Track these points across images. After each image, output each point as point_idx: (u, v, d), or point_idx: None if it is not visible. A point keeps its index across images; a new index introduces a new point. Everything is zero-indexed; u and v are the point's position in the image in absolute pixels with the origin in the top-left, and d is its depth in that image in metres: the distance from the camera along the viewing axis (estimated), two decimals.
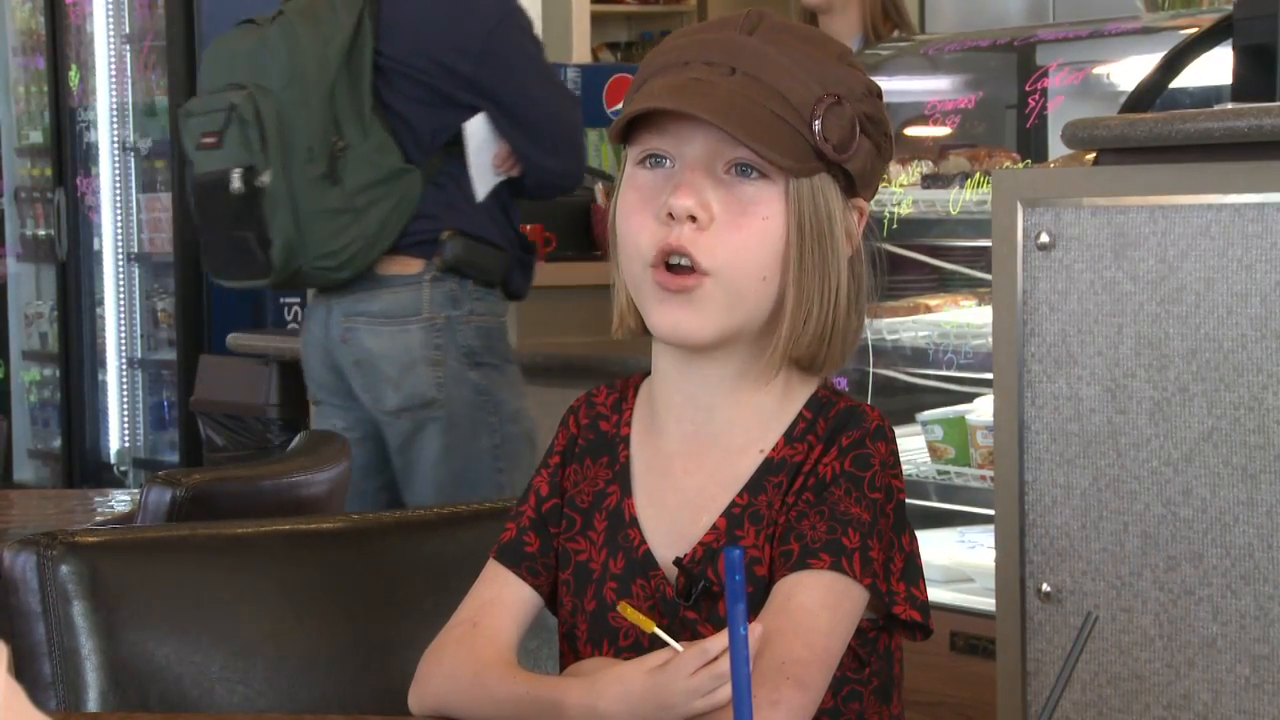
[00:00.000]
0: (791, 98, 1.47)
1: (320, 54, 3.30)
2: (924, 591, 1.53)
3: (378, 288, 3.37)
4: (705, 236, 1.47)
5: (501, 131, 3.37)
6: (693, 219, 1.46)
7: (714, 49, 1.49)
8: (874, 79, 1.56)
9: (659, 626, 1.44)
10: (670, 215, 1.47)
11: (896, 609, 1.50)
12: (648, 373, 1.61)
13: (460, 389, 3.34)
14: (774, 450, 1.53)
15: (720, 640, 1.38)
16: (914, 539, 1.54)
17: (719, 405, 1.54)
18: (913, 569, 1.53)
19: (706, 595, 1.51)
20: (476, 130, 3.37)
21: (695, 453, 1.55)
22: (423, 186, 3.36)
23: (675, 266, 1.48)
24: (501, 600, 1.57)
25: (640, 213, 1.50)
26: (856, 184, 1.53)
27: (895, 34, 4.25)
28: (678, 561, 1.52)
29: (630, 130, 1.51)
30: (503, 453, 3.34)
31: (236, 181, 3.31)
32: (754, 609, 1.46)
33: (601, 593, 1.55)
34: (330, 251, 3.31)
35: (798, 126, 1.47)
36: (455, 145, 3.41)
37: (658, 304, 1.49)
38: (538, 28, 3.61)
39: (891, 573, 1.50)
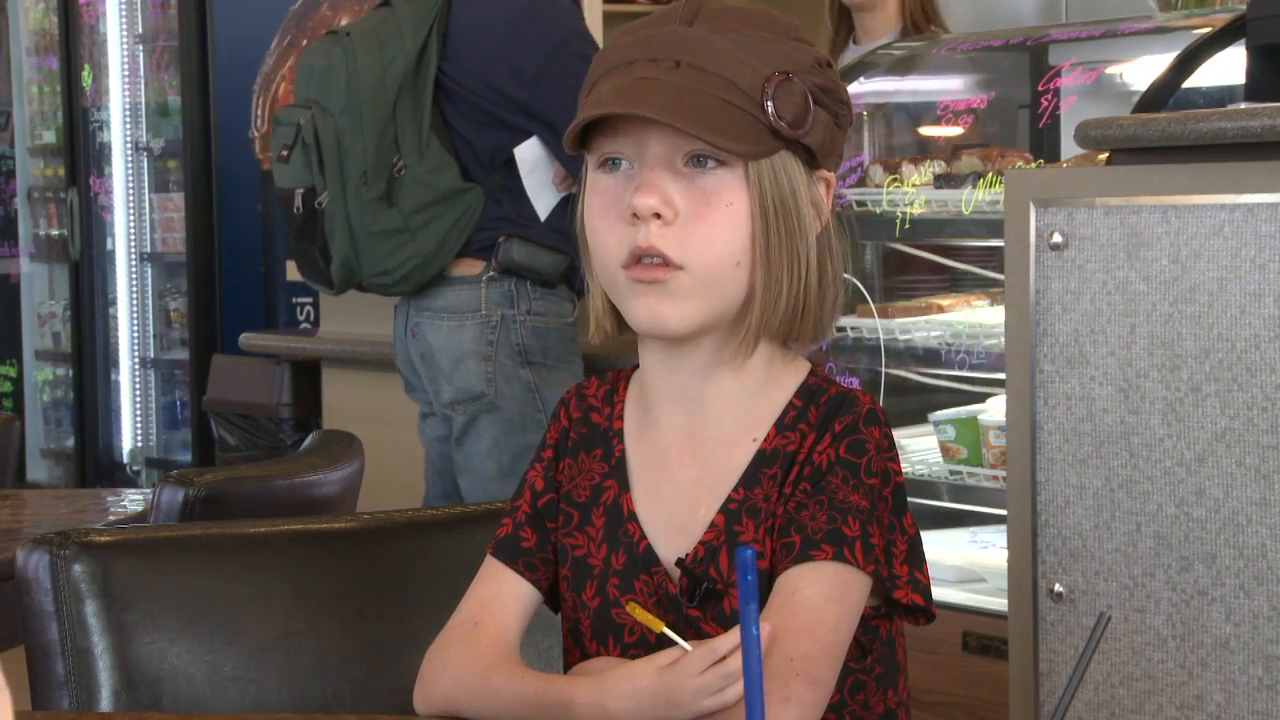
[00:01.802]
0: (739, 81, 1.47)
1: (378, 79, 3.39)
2: (926, 575, 1.53)
3: (441, 286, 3.47)
4: (673, 231, 1.48)
5: (556, 155, 3.40)
6: (658, 216, 1.47)
7: (656, 44, 1.49)
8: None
9: (666, 625, 1.45)
10: (635, 215, 1.47)
11: (898, 593, 1.50)
12: (637, 365, 1.61)
13: (510, 385, 3.41)
14: (766, 440, 1.53)
15: (728, 639, 1.38)
16: (914, 521, 1.54)
17: (709, 394, 1.55)
18: (916, 552, 1.53)
19: (710, 594, 1.51)
20: (529, 155, 3.41)
21: (689, 444, 1.55)
22: (485, 203, 3.44)
23: (650, 262, 1.48)
24: (501, 598, 1.57)
25: (606, 216, 1.51)
26: (817, 156, 1.53)
27: (932, 29, 4.25)
28: (680, 563, 1.52)
29: (587, 136, 1.52)
30: None
31: (298, 201, 3.44)
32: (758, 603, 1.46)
33: (605, 589, 1.56)
34: (386, 269, 3.42)
35: (749, 109, 1.47)
36: (515, 162, 3.46)
37: (634, 297, 1.50)
38: None
39: (894, 556, 1.50)
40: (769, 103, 1.47)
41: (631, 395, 1.61)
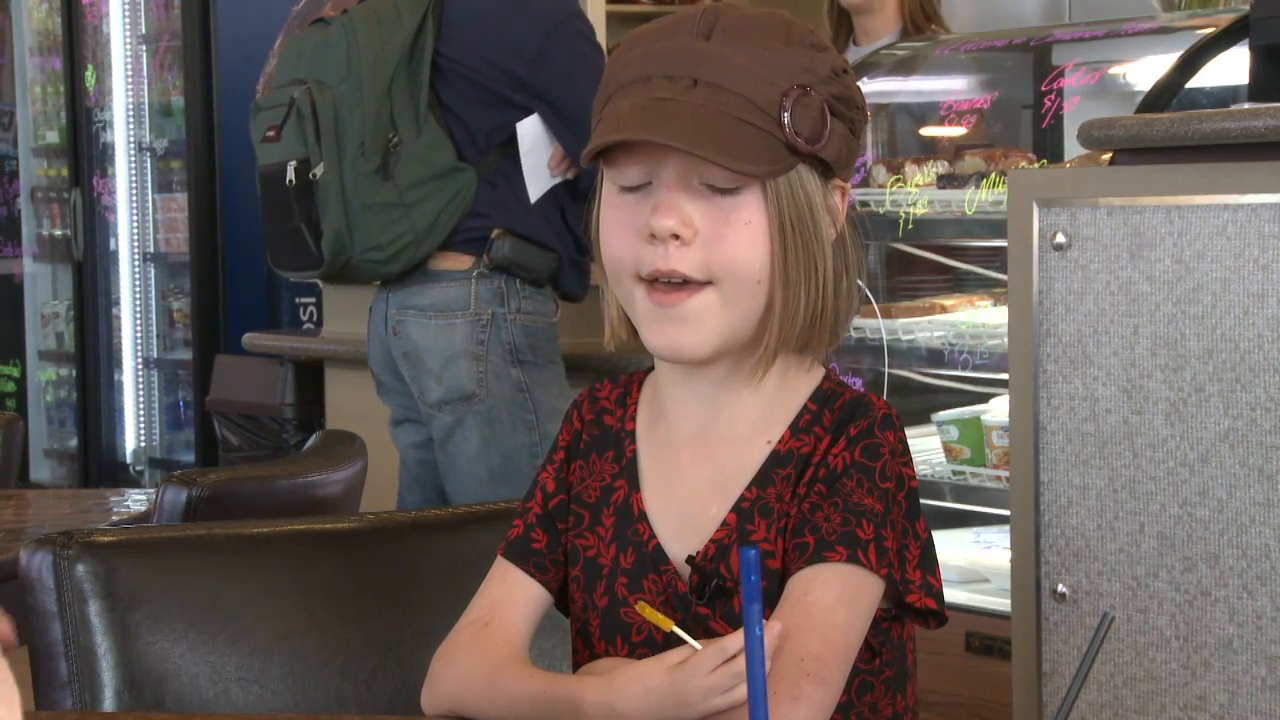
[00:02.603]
0: (757, 99, 1.46)
1: (377, 53, 3.37)
2: (939, 579, 1.53)
3: (429, 282, 3.42)
4: (691, 252, 1.47)
5: (555, 134, 3.40)
6: (676, 237, 1.47)
7: (673, 60, 1.48)
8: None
9: (675, 623, 1.45)
10: (653, 235, 1.47)
11: (911, 597, 1.50)
12: (651, 367, 1.61)
13: (501, 385, 3.38)
14: (781, 442, 1.53)
15: (738, 639, 1.38)
16: (928, 526, 1.54)
17: (723, 400, 1.55)
18: (929, 556, 1.53)
19: (720, 592, 1.51)
20: (530, 131, 3.41)
21: (702, 445, 1.55)
22: (478, 185, 3.41)
23: (668, 283, 1.48)
24: (511, 598, 1.57)
25: (623, 232, 1.50)
26: (834, 168, 1.52)
27: (933, 29, 4.25)
28: (690, 560, 1.52)
29: (605, 154, 1.51)
30: (540, 450, 3.36)
31: (290, 173, 3.39)
32: (768, 602, 1.46)
33: (613, 588, 1.56)
34: (378, 244, 3.37)
35: (767, 127, 1.46)
36: (511, 145, 3.45)
37: (653, 322, 1.50)
38: None
39: (907, 560, 1.50)
40: (786, 117, 1.46)
41: (645, 397, 1.61)
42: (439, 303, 3.42)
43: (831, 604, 1.45)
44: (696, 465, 1.55)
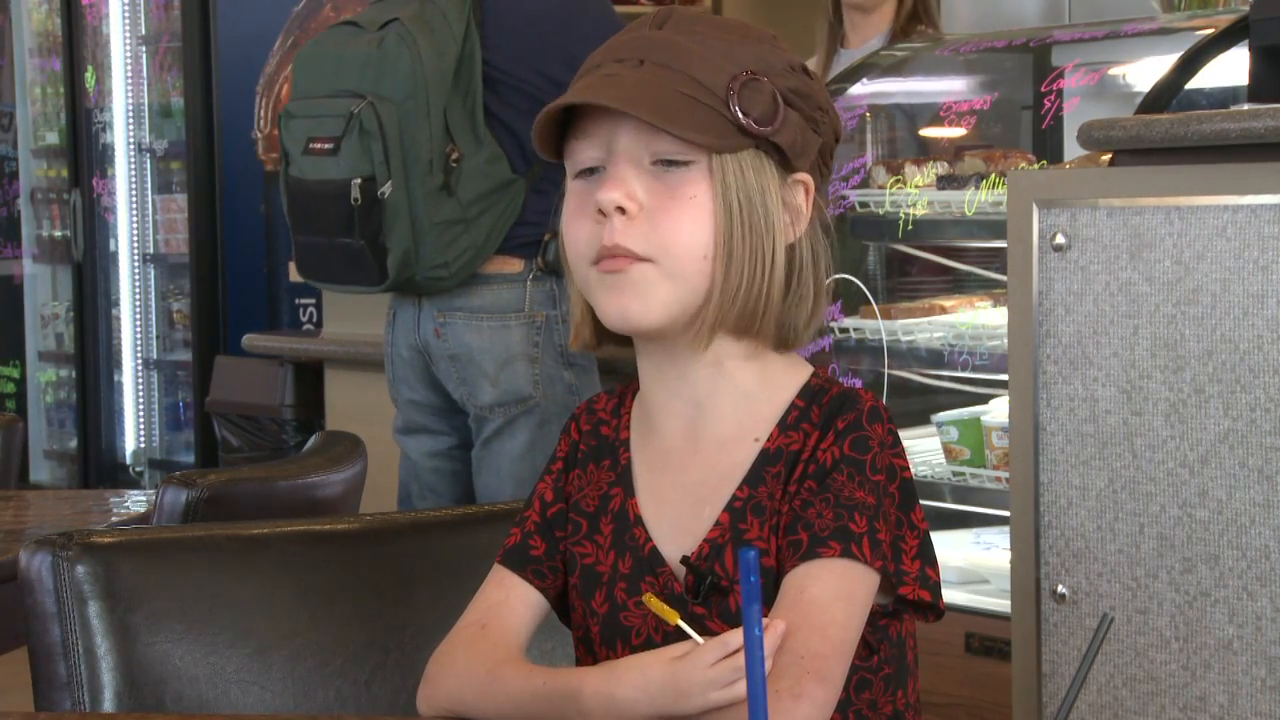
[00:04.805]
0: (703, 79, 1.48)
1: (438, 65, 3.29)
2: (937, 572, 1.53)
3: (477, 285, 3.38)
4: (636, 225, 1.49)
5: None
6: (622, 211, 1.48)
7: (623, 47, 1.53)
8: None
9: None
10: (601, 212, 1.48)
11: (904, 590, 1.50)
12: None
13: (554, 387, 3.37)
14: (769, 440, 1.53)
15: (740, 634, 1.39)
16: (925, 517, 1.54)
17: (705, 400, 1.55)
18: (927, 548, 1.53)
19: (715, 590, 1.51)
20: None
21: (691, 447, 1.56)
22: (525, 194, 3.38)
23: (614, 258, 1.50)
24: (509, 602, 1.58)
25: (578, 217, 1.52)
26: (789, 156, 1.53)
27: (921, 29, 4.24)
28: (685, 560, 1.52)
29: (565, 146, 1.54)
30: None
31: (355, 192, 3.29)
32: (764, 601, 1.46)
33: (612, 594, 1.56)
34: (444, 262, 3.32)
35: (713, 105, 1.48)
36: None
37: (604, 293, 1.51)
38: None
39: (903, 552, 1.50)
40: (733, 99, 1.48)
41: (636, 405, 1.62)
42: (490, 305, 3.38)
43: (829, 600, 1.45)
44: (688, 468, 1.56)
